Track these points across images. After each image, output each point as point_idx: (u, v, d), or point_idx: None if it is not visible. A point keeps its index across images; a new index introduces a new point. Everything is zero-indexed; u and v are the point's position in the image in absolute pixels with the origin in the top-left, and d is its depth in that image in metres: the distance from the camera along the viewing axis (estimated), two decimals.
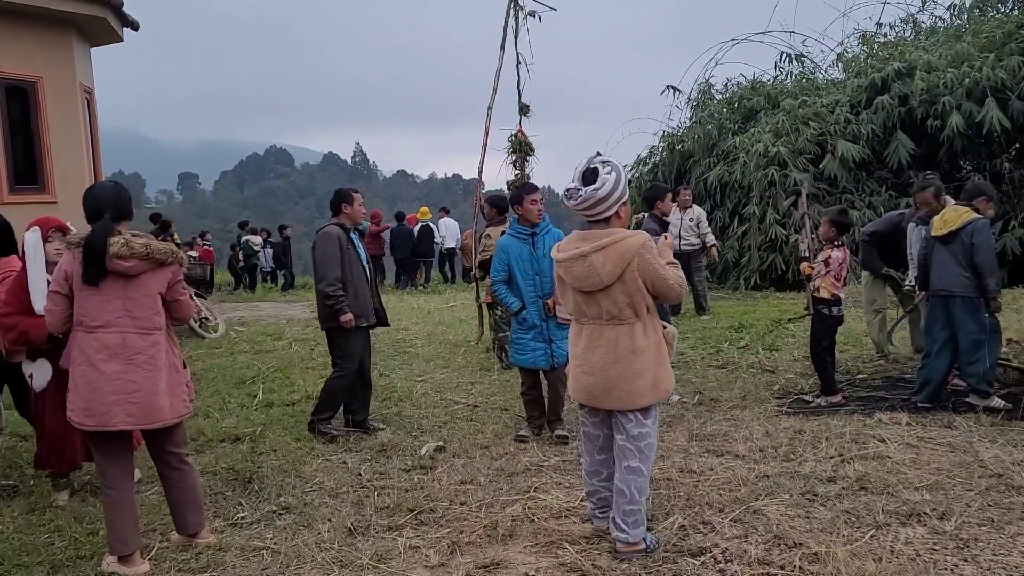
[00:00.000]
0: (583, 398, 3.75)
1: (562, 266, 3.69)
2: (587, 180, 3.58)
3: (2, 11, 9.70)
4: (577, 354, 3.75)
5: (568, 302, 3.79)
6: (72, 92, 10.82)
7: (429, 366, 8.59)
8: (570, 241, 3.74)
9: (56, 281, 3.80)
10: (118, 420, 3.74)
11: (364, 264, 6.06)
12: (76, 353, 3.79)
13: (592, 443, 3.90)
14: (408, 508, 4.53)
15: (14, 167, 10.06)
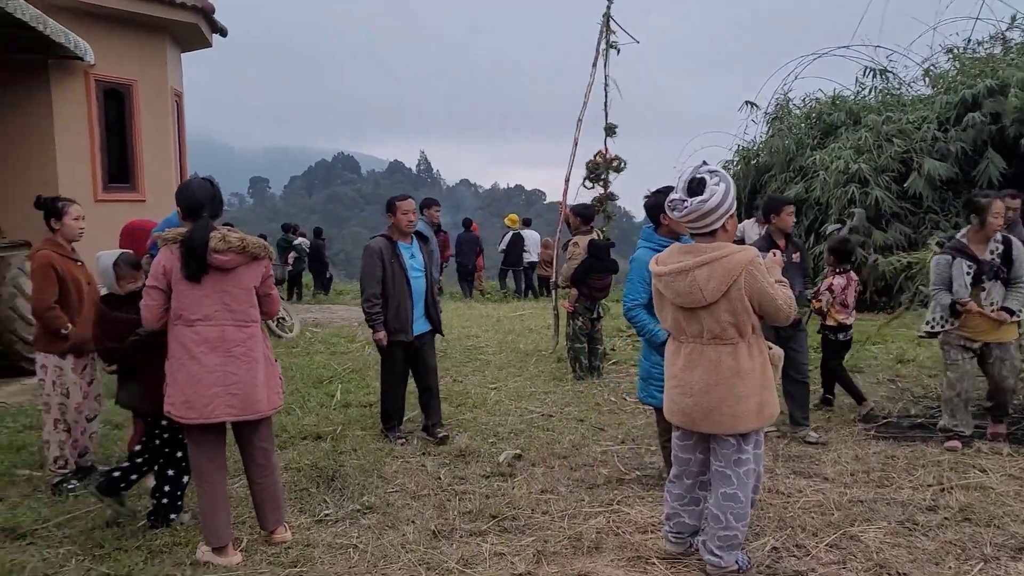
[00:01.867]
0: (679, 420, 3.61)
1: (662, 280, 3.54)
2: (693, 191, 3.43)
3: (102, 17, 10.11)
4: (674, 373, 3.61)
5: (666, 318, 3.65)
6: (164, 95, 11.22)
7: (502, 374, 8.59)
8: (671, 254, 3.59)
9: (154, 276, 3.86)
10: (219, 412, 3.81)
11: (410, 276, 5.88)
12: (175, 347, 3.85)
13: (681, 466, 3.76)
14: (490, 514, 4.52)
15: (108, 167, 10.46)
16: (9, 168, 9.55)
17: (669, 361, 3.67)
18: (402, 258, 5.88)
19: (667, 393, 3.66)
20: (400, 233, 5.95)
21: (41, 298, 4.77)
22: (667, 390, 3.66)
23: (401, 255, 5.89)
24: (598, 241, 8.20)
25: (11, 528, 4.29)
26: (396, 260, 5.86)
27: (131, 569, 3.82)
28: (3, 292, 8.09)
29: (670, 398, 3.63)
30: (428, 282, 6.07)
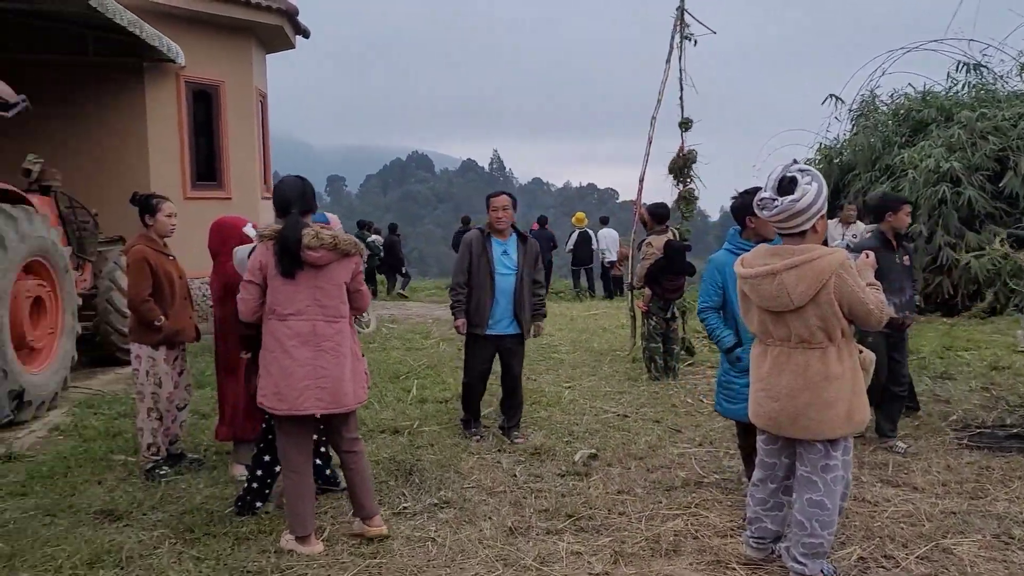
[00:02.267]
0: (764, 424, 3.53)
1: (748, 283, 3.45)
2: (784, 189, 3.32)
3: (193, 20, 10.48)
4: (761, 376, 3.52)
5: (752, 321, 3.56)
6: (249, 96, 11.56)
7: (576, 373, 8.56)
8: (757, 256, 3.48)
9: (251, 271, 3.98)
10: (308, 404, 3.91)
11: (495, 272, 5.81)
12: (269, 340, 3.96)
13: (766, 470, 3.68)
14: (567, 513, 4.51)
15: (196, 165, 10.84)
16: (105, 166, 10.00)
17: (755, 364, 3.58)
18: (491, 253, 5.86)
19: (753, 396, 3.58)
20: (494, 229, 5.92)
21: (136, 291, 4.98)
22: (753, 393, 3.58)
23: (490, 250, 5.87)
24: (674, 242, 8.09)
25: (109, 510, 4.49)
26: (484, 254, 5.86)
27: (219, 554, 3.95)
28: (100, 285, 8.48)
29: (756, 401, 3.55)
30: (519, 282, 5.89)
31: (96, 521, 4.39)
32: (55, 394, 6.85)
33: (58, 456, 5.50)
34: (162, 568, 3.80)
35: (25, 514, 4.48)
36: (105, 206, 9.24)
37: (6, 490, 4.85)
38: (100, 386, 7.83)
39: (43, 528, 4.26)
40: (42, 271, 6.89)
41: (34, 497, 4.73)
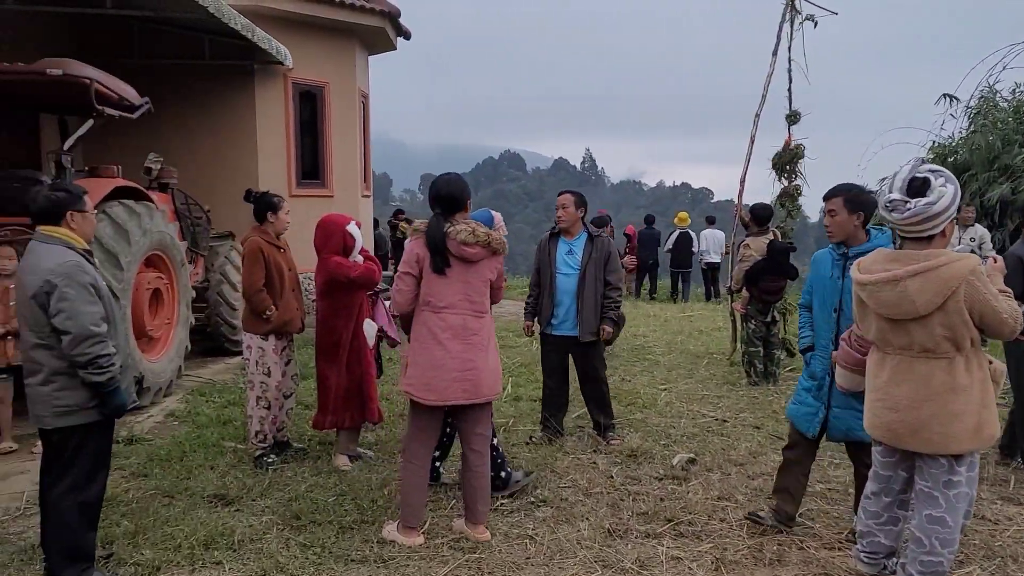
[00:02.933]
0: (881, 435, 3.37)
1: (866, 290, 3.28)
2: (914, 191, 3.16)
3: (300, 23, 10.83)
4: (878, 386, 3.36)
5: (869, 328, 3.40)
6: (352, 96, 11.86)
7: (671, 375, 8.44)
8: (877, 261, 3.31)
9: (408, 263, 4.05)
10: (456, 396, 4.02)
11: (556, 271, 5.76)
12: (422, 331, 4.04)
13: (880, 483, 3.52)
14: (666, 517, 4.46)
15: (301, 164, 11.21)
16: (217, 164, 10.45)
17: (872, 372, 3.43)
18: (554, 252, 5.83)
19: (869, 406, 3.43)
20: (562, 228, 5.87)
21: (250, 281, 5.18)
22: (869, 402, 3.43)
23: (554, 249, 5.84)
24: (778, 243, 7.86)
25: (222, 495, 4.70)
26: (547, 253, 5.85)
27: (324, 542, 4.08)
28: (211, 279, 8.87)
29: (872, 411, 3.40)
30: (582, 282, 5.72)
31: (210, 504, 4.59)
32: (170, 381, 7.21)
33: (174, 441, 5.79)
34: (271, 553, 3.95)
35: (146, 494, 4.74)
36: (216, 202, 9.66)
37: (129, 471, 5.14)
38: (211, 375, 8.19)
39: (163, 508, 4.49)
40: (161, 264, 7.25)
41: (154, 479, 4.99)
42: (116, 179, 6.76)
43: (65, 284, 3.33)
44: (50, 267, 3.34)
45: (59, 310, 3.31)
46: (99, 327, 3.40)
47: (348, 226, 5.14)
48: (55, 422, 3.43)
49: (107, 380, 3.43)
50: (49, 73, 5.90)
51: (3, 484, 5.04)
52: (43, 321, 3.36)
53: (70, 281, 3.34)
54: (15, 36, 8.49)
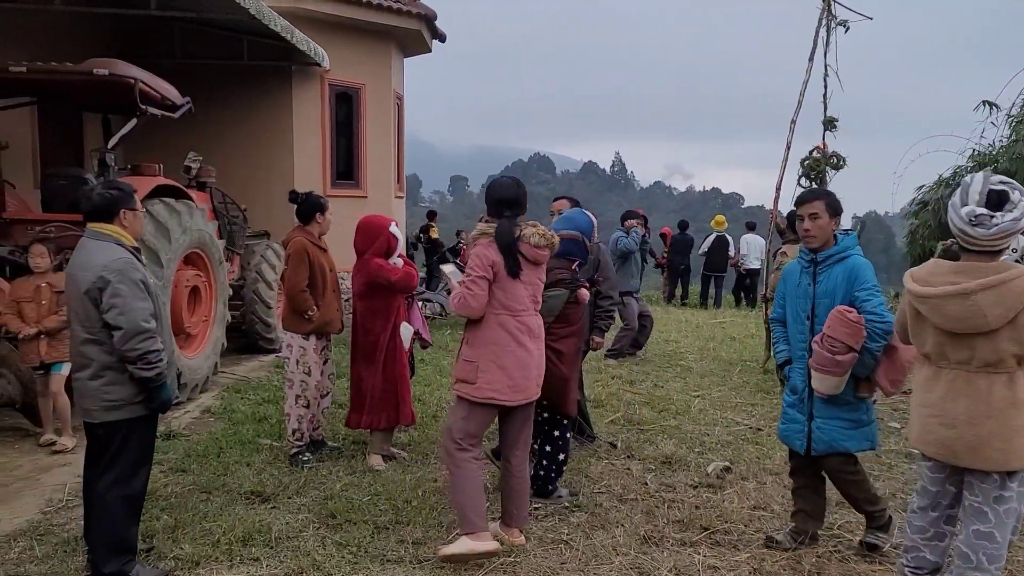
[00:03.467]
0: (934, 452, 3.26)
1: (929, 303, 3.13)
2: (993, 204, 3.02)
3: (338, 26, 10.92)
4: (931, 402, 3.25)
5: (924, 342, 3.27)
6: (387, 98, 11.94)
7: (704, 382, 8.38)
8: (937, 273, 3.15)
9: (481, 267, 3.98)
10: (535, 392, 4.12)
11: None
12: (501, 335, 3.99)
13: (928, 498, 3.41)
14: (702, 526, 4.42)
15: (336, 164, 11.30)
16: (253, 164, 10.57)
17: (922, 387, 3.32)
18: None
19: (919, 421, 3.32)
20: None
21: (295, 280, 5.23)
22: (919, 418, 3.32)
23: None
24: None
25: (258, 491, 4.74)
26: None
27: (360, 541, 4.10)
28: (247, 277, 8.96)
29: (924, 428, 3.29)
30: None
31: (247, 501, 4.64)
32: (207, 378, 7.30)
33: (211, 437, 5.86)
34: (307, 551, 3.98)
35: (184, 489, 4.79)
36: (251, 202, 9.77)
37: (167, 466, 5.21)
38: (245, 372, 8.27)
39: (201, 504, 4.54)
40: (199, 262, 7.35)
41: (191, 475, 5.05)
42: (158, 177, 6.86)
43: (118, 280, 3.39)
44: (103, 263, 3.40)
45: (111, 305, 3.37)
46: (149, 323, 3.46)
47: (391, 227, 5.17)
48: (103, 416, 3.49)
49: (155, 375, 3.49)
50: (96, 73, 6.01)
51: (46, 476, 5.13)
52: (95, 316, 3.42)
53: (123, 277, 3.40)
54: (60, 37, 8.65)
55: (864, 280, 3.88)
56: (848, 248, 4.00)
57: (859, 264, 3.94)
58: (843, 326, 3.76)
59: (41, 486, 4.96)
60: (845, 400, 3.94)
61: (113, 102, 6.81)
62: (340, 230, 5.99)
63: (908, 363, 3.74)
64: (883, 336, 3.79)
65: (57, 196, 6.65)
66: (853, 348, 3.75)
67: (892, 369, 3.84)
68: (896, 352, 3.79)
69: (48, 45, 8.18)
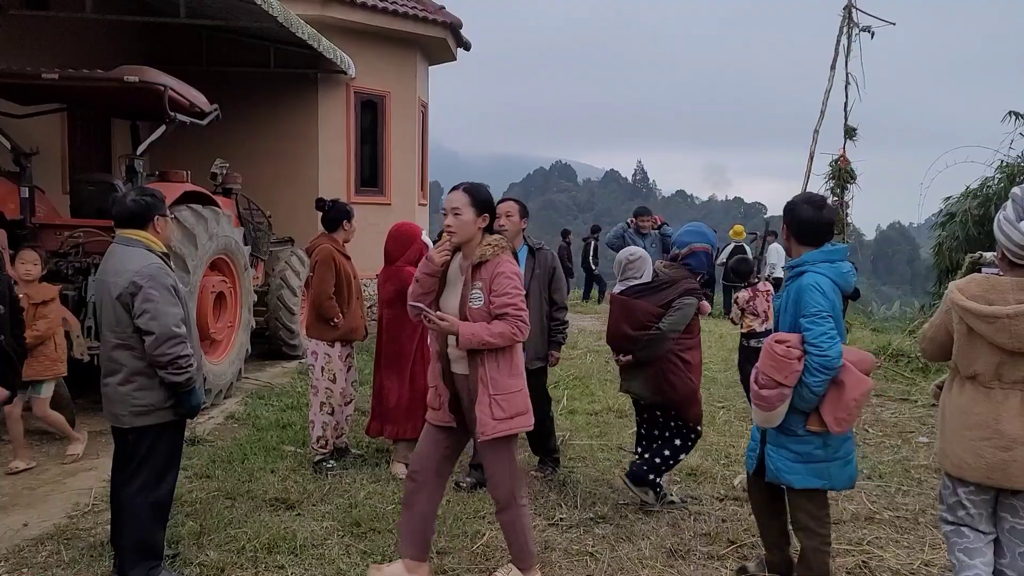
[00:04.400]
0: (982, 476, 3.10)
1: (997, 323, 2.97)
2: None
3: (364, 34, 10.98)
4: (980, 424, 3.09)
5: (974, 362, 3.09)
6: (411, 106, 11.98)
7: (729, 393, 8.31)
8: (997, 290, 3.01)
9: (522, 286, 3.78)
10: None
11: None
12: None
13: (976, 520, 3.22)
14: (728, 539, 4.37)
15: (361, 171, 11.35)
16: (279, 171, 10.64)
17: (964, 410, 3.14)
18: None
19: (963, 445, 3.12)
20: None
21: (322, 288, 5.24)
22: (964, 442, 3.12)
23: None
24: None
25: (283, 498, 4.74)
26: None
27: (384, 550, 4.08)
28: (271, 283, 9.01)
29: (972, 451, 3.10)
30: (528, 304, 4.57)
31: (271, 508, 4.64)
32: (231, 384, 7.33)
33: (235, 443, 5.87)
34: (332, 559, 3.97)
35: (209, 495, 4.80)
36: (276, 208, 9.83)
37: (192, 471, 5.22)
38: (269, 378, 8.30)
39: (226, 510, 4.54)
40: (225, 268, 7.39)
41: (216, 480, 5.06)
42: (185, 183, 6.92)
43: (150, 285, 3.40)
44: (135, 268, 3.42)
45: (144, 311, 3.39)
46: (180, 328, 3.48)
47: (423, 235, 5.17)
48: (132, 421, 3.51)
49: (186, 380, 3.51)
50: (127, 80, 6.07)
51: (73, 480, 5.16)
52: (126, 321, 3.44)
53: (155, 283, 3.42)
54: (90, 44, 8.76)
55: (808, 304, 3.42)
56: (807, 263, 3.54)
57: (807, 284, 3.45)
58: (768, 358, 3.44)
59: (68, 490, 4.99)
60: (793, 431, 3.53)
61: (142, 109, 6.88)
62: (363, 236, 6.01)
63: (855, 401, 3.40)
64: (822, 371, 3.37)
65: (85, 202, 6.71)
66: (780, 383, 3.40)
67: (838, 406, 3.42)
68: (843, 388, 3.41)
69: (78, 52, 8.29)
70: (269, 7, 7.52)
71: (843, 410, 3.41)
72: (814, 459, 3.53)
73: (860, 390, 3.40)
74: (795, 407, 3.47)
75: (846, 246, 3.72)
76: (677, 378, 4.69)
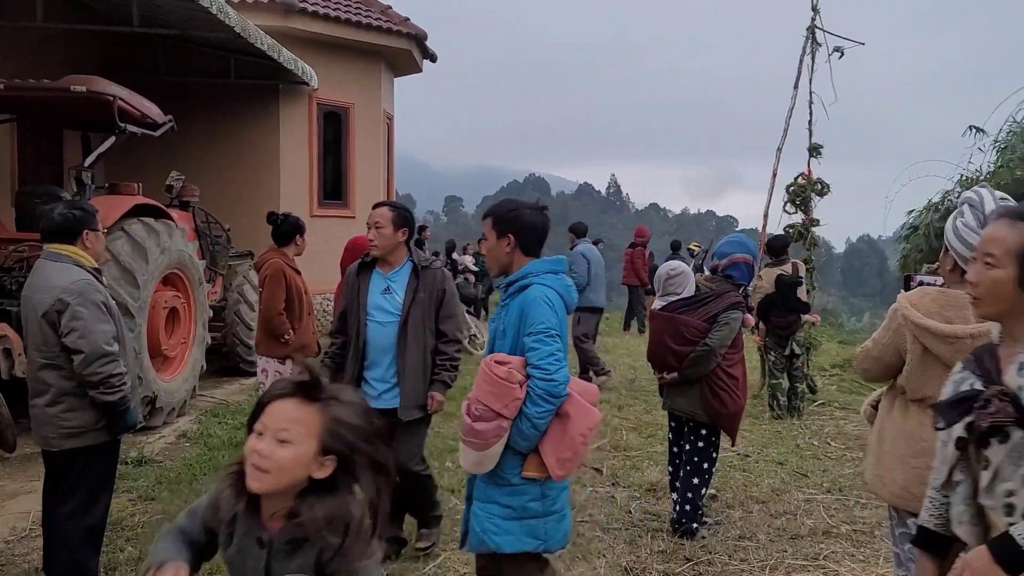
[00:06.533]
0: None
1: (955, 345, 2.70)
2: None
3: (326, 44, 10.89)
4: (927, 450, 2.61)
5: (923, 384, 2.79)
6: (377, 118, 11.90)
7: None
8: (956, 307, 2.74)
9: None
10: None
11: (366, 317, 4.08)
12: None
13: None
14: (684, 556, 4.31)
15: (324, 184, 11.22)
16: (239, 183, 10.48)
17: (911, 435, 2.83)
18: (364, 291, 4.10)
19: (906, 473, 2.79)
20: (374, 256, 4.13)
21: (272, 303, 5.11)
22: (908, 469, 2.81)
23: (365, 286, 4.11)
24: (784, 277, 7.70)
25: None
26: (356, 292, 4.11)
27: None
28: (229, 298, 8.84)
29: (919, 480, 2.64)
30: (403, 335, 3.95)
31: None
32: (184, 401, 7.15)
33: (185, 463, 5.71)
34: None
35: (152, 519, 4.65)
36: (236, 222, 9.66)
37: (136, 493, 5.06)
38: (224, 395, 8.12)
39: None
40: (179, 283, 7.22)
41: (161, 503, 4.90)
42: (136, 196, 6.75)
43: (78, 303, 3.26)
44: (62, 285, 3.28)
45: (71, 328, 3.25)
46: (111, 346, 3.34)
47: None
48: (62, 444, 3.36)
49: (119, 399, 3.36)
50: (73, 90, 5.92)
51: (11, 503, 4.98)
52: (52, 340, 3.29)
53: (83, 300, 3.28)
54: (45, 53, 8.58)
55: (534, 321, 2.86)
56: (531, 273, 3.00)
57: (534, 298, 2.92)
58: (488, 383, 2.84)
59: (5, 513, 4.80)
60: (506, 479, 2.89)
61: (92, 119, 6.72)
62: (327, 250, 5.90)
63: (582, 436, 2.84)
64: (547, 398, 2.79)
65: (32, 214, 6.52)
66: (501, 414, 2.80)
67: (562, 443, 2.83)
68: (568, 421, 2.83)
69: (33, 62, 8.11)
70: (226, 16, 7.40)
71: (568, 448, 2.83)
72: (529, 514, 2.90)
73: (587, 424, 2.86)
74: (511, 446, 2.86)
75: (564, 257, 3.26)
76: (727, 395, 4.56)
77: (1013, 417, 1.84)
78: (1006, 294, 1.92)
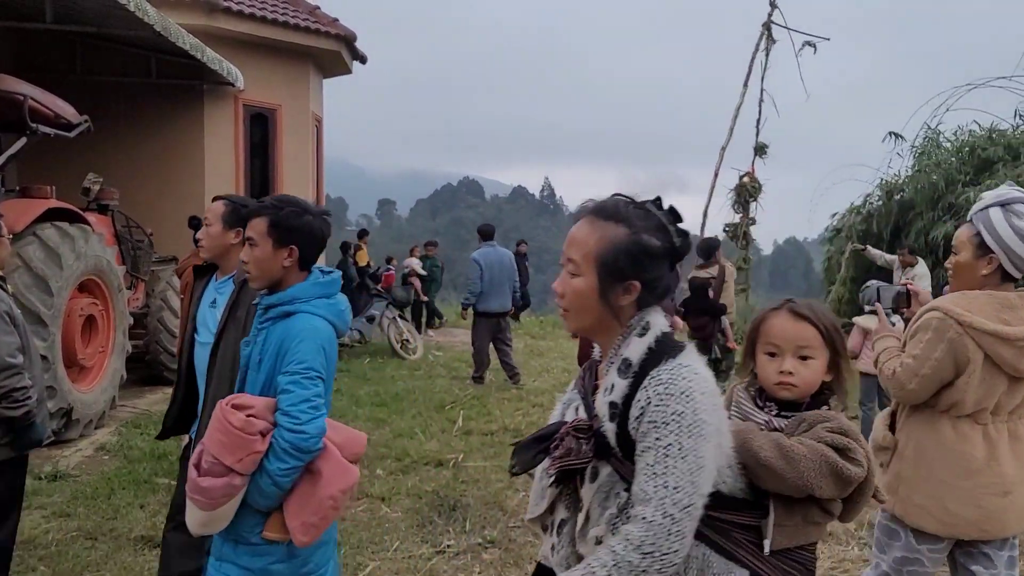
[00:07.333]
0: (977, 529, 2.66)
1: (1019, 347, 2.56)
2: None
3: (252, 45, 10.65)
4: (981, 468, 2.65)
5: (991, 394, 2.64)
6: (305, 120, 11.69)
7: None
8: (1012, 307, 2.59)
9: None
10: None
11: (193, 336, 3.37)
12: None
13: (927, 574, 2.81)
14: None
15: (251, 186, 10.97)
16: (162, 186, 10.16)
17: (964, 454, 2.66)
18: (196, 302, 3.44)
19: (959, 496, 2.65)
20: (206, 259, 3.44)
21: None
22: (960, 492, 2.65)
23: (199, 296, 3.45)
24: (695, 279, 7.76)
25: (150, 536, 4.43)
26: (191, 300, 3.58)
27: None
28: (152, 305, 8.55)
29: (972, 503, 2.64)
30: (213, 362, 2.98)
31: (135, 547, 4.33)
32: (103, 413, 6.87)
33: (102, 477, 5.48)
34: None
35: (67, 536, 4.44)
36: (160, 226, 9.36)
37: (50, 510, 4.83)
38: (147, 405, 7.84)
39: (84, 552, 4.21)
40: (96, 290, 6.95)
41: (77, 519, 4.69)
42: (49, 200, 6.47)
43: None
44: None
45: None
46: (15, 358, 3.17)
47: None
48: None
49: (24, 414, 3.20)
50: None
51: None
52: None
53: None
54: None
55: (293, 358, 2.40)
56: (298, 298, 2.49)
57: (299, 330, 2.43)
58: (220, 432, 2.33)
59: None
60: (245, 538, 2.43)
61: (1, 120, 6.40)
62: None
63: (332, 500, 2.37)
64: (293, 453, 2.33)
65: None
66: (234, 469, 2.31)
67: (307, 506, 2.37)
68: (319, 480, 2.38)
69: None
70: (144, 14, 7.16)
71: (315, 512, 2.36)
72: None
73: (341, 484, 2.40)
74: (249, 503, 2.39)
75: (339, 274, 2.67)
76: None
77: (586, 458, 1.59)
78: (591, 305, 1.68)
